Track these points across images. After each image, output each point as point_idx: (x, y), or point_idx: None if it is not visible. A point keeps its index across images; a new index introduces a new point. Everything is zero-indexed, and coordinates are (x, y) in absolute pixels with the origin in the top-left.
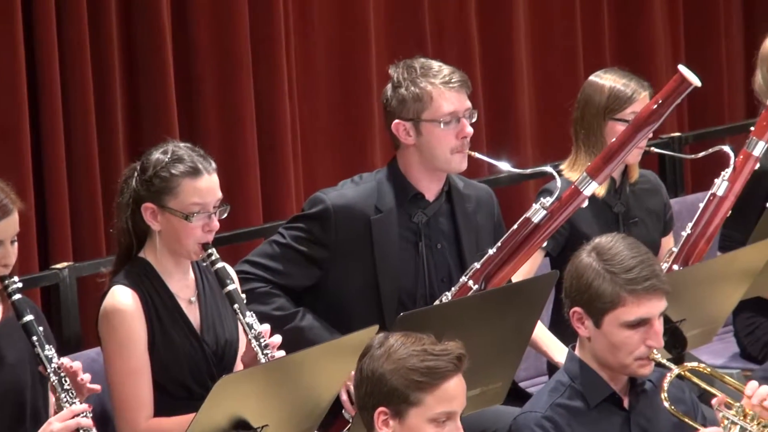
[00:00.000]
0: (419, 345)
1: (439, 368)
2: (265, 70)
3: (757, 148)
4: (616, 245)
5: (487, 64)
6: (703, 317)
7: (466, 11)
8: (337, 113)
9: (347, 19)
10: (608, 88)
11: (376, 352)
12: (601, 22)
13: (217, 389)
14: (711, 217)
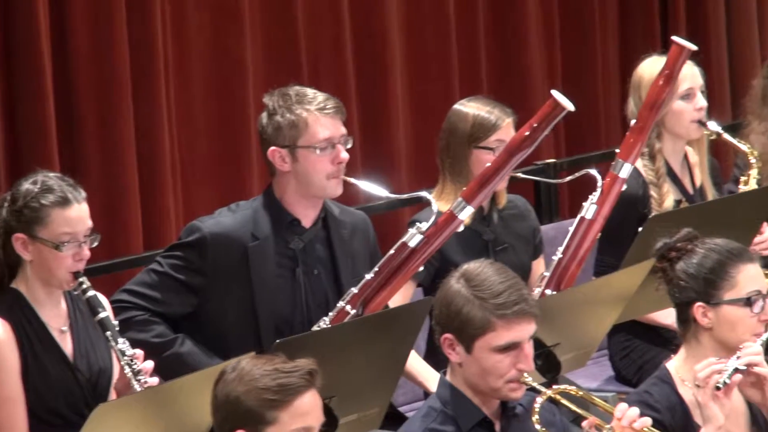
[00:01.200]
0: (270, 365)
1: (291, 385)
2: (145, 99)
3: (623, 170)
4: (485, 271)
5: (362, 92)
6: (578, 341)
7: (341, 41)
8: (216, 143)
9: (224, 49)
10: (472, 116)
11: (229, 376)
12: (477, 50)
13: (95, 417)
14: (581, 241)
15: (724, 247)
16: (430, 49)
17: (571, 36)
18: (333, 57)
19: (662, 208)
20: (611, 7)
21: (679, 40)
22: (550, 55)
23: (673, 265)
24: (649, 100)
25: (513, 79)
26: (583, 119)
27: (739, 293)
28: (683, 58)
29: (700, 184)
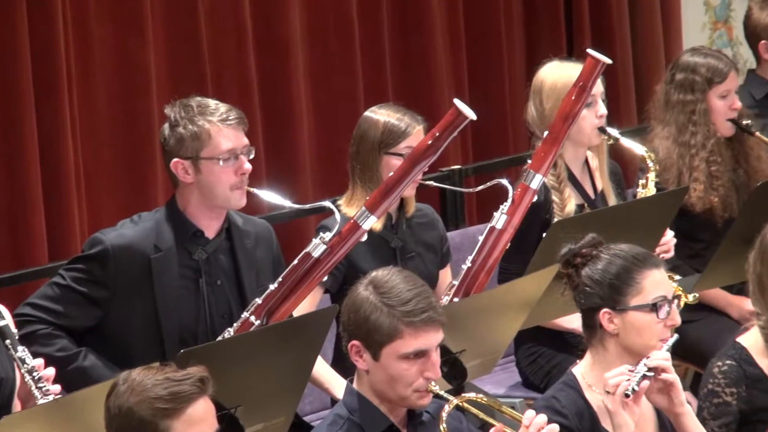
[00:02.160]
0: (161, 374)
1: (183, 392)
2: (49, 110)
3: (534, 181)
4: (393, 278)
5: (266, 101)
6: (483, 348)
7: (244, 51)
8: (121, 154)
9: (128, 61)
10: (383, 123)
11: (121, 388)
12: (381, 58)
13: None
14: (490, 250)
15: (629, 253)
16: (334, 58)
17: (476, 43)
18: (236, 67)
19: (564, 213)
20: (516, 14)
21: (595, 54)
22: (456, 63)
23: (579, 271)
24: (563, 111)
25: (418, 87)
26: (489, 126)
27: (645, 299)
28: (598, 71)
29: (601, 189)
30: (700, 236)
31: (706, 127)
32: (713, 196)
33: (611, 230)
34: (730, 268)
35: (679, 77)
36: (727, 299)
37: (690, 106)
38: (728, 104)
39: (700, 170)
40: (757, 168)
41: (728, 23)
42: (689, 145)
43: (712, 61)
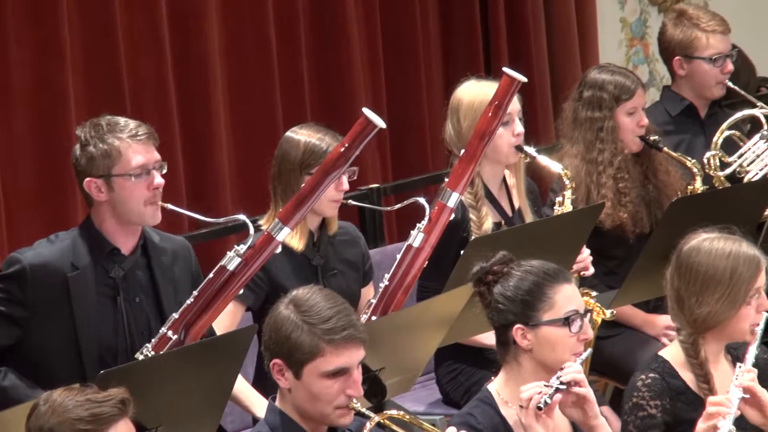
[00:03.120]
0: (82, 395)
1: (103, 414)
2: None
3: (451, 200)
4: (314, 297)
5: (185, 119)
6: (403, 365)
7: (162, 69)
8: (40, 174)
9: (46, 83)
10: (303, 143)
11: (42, 409)
12: (299, 75)
13: None
14: (408, 268)
15: (540, 269)
16: (253, 75)
17: (394, 61)
18: (155, 85)
19: (482, 231)
20: (434, 33)
21: (510, 72)
22: (374, 81)
23: (491, 288)
24: (479, 130)
25: (337, 105)
26: (408, 144)
27: (557, 313)
28: (513, 89)
29: (518, 207)
30: (613, 253)
31: (613, 144)
32: (622, 213)
33: (528, 248)
34: (646, 283)
35: (586, 94)
36: (643, 317)
37: (598, 123)
38: (636, 121)
39: (608, 187)
40: (667, 183)
41: (644, 40)
42: (597, 162)
43: (620, 78)
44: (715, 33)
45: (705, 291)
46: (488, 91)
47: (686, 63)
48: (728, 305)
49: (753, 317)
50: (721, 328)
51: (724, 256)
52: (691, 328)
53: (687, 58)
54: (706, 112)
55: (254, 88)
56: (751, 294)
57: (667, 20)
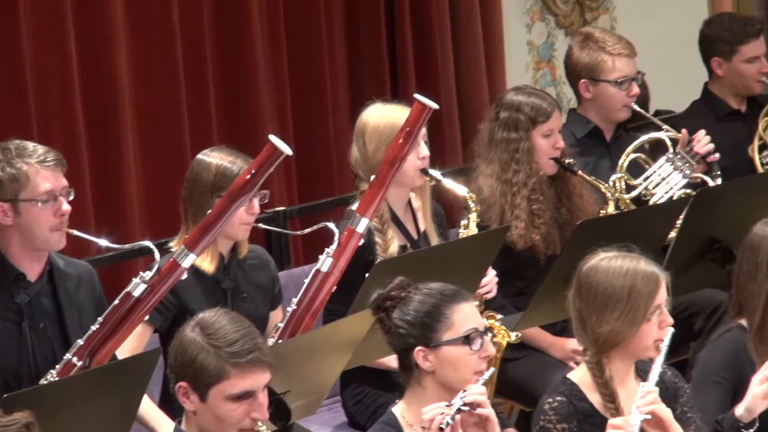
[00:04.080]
0: None
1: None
2: None
3: (360, 225)
4: (220, 320)
5: (93, 144)
6: (308, 388)
7: (70, 96)
8: None
9: None
10: (215, 166)
11: None
12: (206, 99)
13: None
14: (316, 293)
15: (437, 290)
16: (160, 100)
17: (301, 84)
18: (62, 111)
19: (387, 254)
20: (340, 56)
21: (422, 99)
22: (280, 104)
23: (390, 314)
24: (390, 156)
25: (244, 129)
26: (314, 167)
27: (456, 332)
28: (425, 116)
29: (423, 230)
30: (524, 274)
31: (528, 165)
32: (535, 234)
33: (434, 271)
34: (551, 306)
35: (503, 115)
36: (550, 340)
37: (513, 144)
38: (551, 143)
39: (521, 208)
40: (580, 206)
41: (551, 63)
42: (512, 183)
43: (536, 100)
44: (621, 56)
45: (605, 310)
46: (394, 114)
47: (592, 86)
48: (629, 323)
49: (656, 333)
50: (624, 346)
51: (622, 274)
52: (595, 347)
53: (593, 81)
54: (611, 134)
55: (162, 113)
56: (651, 311)
57: (574, 43)
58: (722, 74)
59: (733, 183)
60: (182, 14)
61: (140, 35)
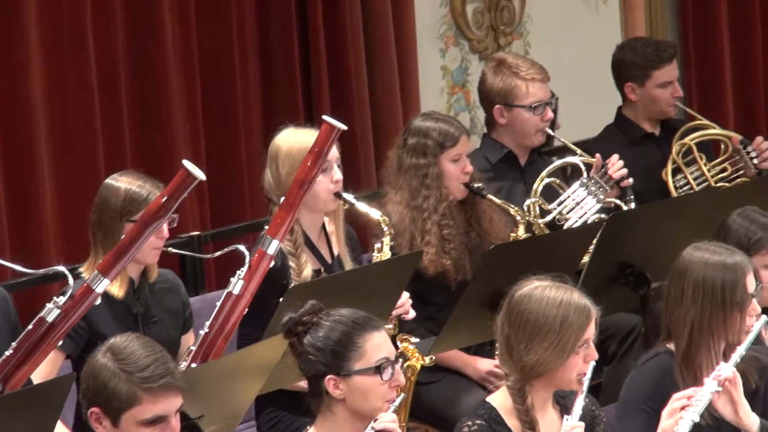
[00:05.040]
0: None
1: None
2: None
3: (271, 247)
4: (131, 345)
5: (7, 170)
6: (222, 412)
7: None
8: None
9: None
10: (124, 191)
11: None
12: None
13: None
14: (228, 315)
15: (349, 318)
16: (74, 123)
17: (213, 109)
18: None
19: (301, 278)
20: (253, 81)
21: (330, 120)
22: (193, 129)
23: (301, 339)
24: (299, 178)
25: (158, 153)
26: (227, 192)
27: (368, 362)
28: (333, 137)
29: (337, 254)
30: (434, 299)
31: (438, 191)
32: (446, 260)
33: (348, 295)
34: (466, 330)
35: (411, 142)
36: (464, 359)
37: (422, 170)
38: (460, 168)
39: (432, 234)
40: (490, 230)
41: (465, 88)
42: (422, 209)
43: (444, 125)
44: (534, 81)
45: (534, 339)
46: (306, 138)
47: (506, 111)
48: (557, 354)
49: (580, 367)
50: (549, 377)
51: (555, 305)
52: (519, 374)
53: (507, 107)
54: (525, 159)
55: (76, 137)
56: (580, 344)
57: (487, 69)
58: (636, 99)
59: (646, 207)
60: (96, 39)
61: (54, 60)
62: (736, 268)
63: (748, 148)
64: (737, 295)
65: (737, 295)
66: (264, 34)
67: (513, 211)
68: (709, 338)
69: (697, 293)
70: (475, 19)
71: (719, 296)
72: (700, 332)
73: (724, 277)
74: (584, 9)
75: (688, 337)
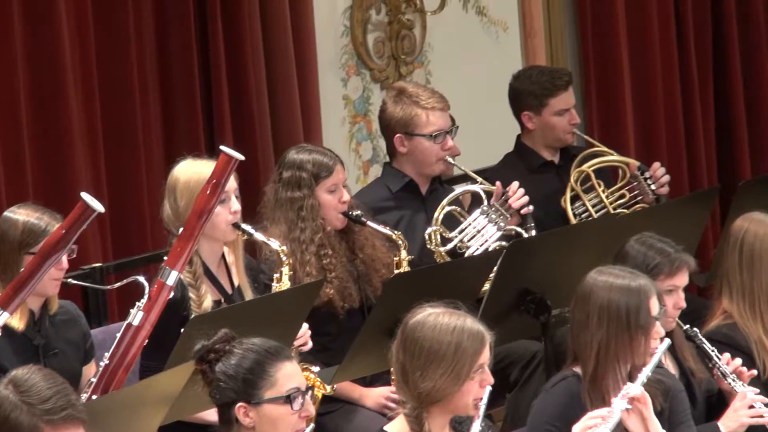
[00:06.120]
0: None
1: None
2: None
3: (170, 278)
4: (32, 377)
5: None
6: None
7: None
8: None
9: None
10: (22, 223)
11: None
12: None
13: None
14: (128, 347)
15: (261, 347)
16: None
17: (114, 142)
18: None
19: (201, 309)
20: (154, 113)
21: (228, 150)
22: (94, 161)
23: (213, 366)
24: (197, 208)
25: (59, 185)
26: (128, 223)
27: (279, 391)
28: (231, 167)
29: (238, 284)
30: (325, 330)
31: (314, 222)
32: (329, 289)
33: (249, 325)
34: (367, 358)
35: (286, 175)
36: (360, 391)
37: (298, 202)
38: (337, 197)
39: (311, 265)
40: (374, 257)
41: (367, 117)
42: (300, 241)
43: (318, 156)
44: (434, 110)
45: (429, 365)
46: (204, 169)
47: (407, 140)
48: (452, 380)
49: (476, 392)
50: (446, 402)
51: (449, 332)
52: (416, 401)
53: (408, 135)
54: (426, 188)
55: None
56: (475, 369)
57: (387, 98)
58: (533, 127)
59: (545, 235)
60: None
61: None
62: (639, 292)
63: (645, 174)
64: (641, 319)
65: (641, 318)
66: (165, 66)
67: (394, 236)
68: (615, 361)
69: (602, 317)
70: (377, 48)
71: (624, 320)
72: (607, 355)
73: (628, 301)
74: (485, 37)
75: (594, 361)
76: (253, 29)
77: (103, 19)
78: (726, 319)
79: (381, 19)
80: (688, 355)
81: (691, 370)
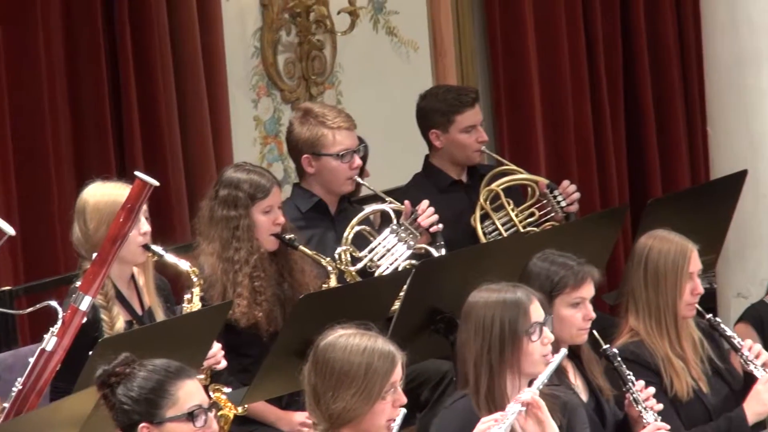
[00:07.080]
0: None
1: None
2: None
3: (84, 303)
4: None
5: None
6: None
7: None
8: None
9: None
10: None
11: None
12: None
13: None
14: (41, 372)
15: (161, 367)
16: None
17: (25, 165)
18: None
19: (113, 330)
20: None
21: (142, 176)
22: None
23: (114, 390)
24: (112, 234)
25: None
26: (39, 246)
27: (180, 409)
28: (146, 193)
29: (149, 306)
30: (248, 351)
31: (249, 242)
32: (258, 312)
33: (160, 346)
34: (278, 379)
35: (222, 193)
36: (277, 414)
37: (234, 221)
38: (272, 219)
39: (244, 286)
40: (301, 281)
41: (278, 137)
42: (233, 260)
43: (255, 177)
44: (341, 129)
45: (340, 386)
46: (114, 192)
47: (315, 160)
48: (363, 401)
49: (389, 412)
50: (358, 423)
51: (359, 352)
52: (328, 423)
53: (315, 155)
54: (336, 207)
55: None
56: (387, 389)
57: (294, 119)
58: (441, 146)
59: (455, 254)
60: None
61: None
62: (515, 302)
63: (555, 192)
64: (519, 329)
65: (519, 328)
66: (74, 87)
67: (324, 261)
68: (505, 374)
69: (480, 332)
70: (287, 69)
71: (505, 332)
72: (498, 370)
73: (503, 314)
74: (395, 57)
75: (487, 378)
76: (164, 52)
77: (13, 40)
78: (633, 337)
79: (291, 40)
80: (597, 373)
81: (600, 387)
